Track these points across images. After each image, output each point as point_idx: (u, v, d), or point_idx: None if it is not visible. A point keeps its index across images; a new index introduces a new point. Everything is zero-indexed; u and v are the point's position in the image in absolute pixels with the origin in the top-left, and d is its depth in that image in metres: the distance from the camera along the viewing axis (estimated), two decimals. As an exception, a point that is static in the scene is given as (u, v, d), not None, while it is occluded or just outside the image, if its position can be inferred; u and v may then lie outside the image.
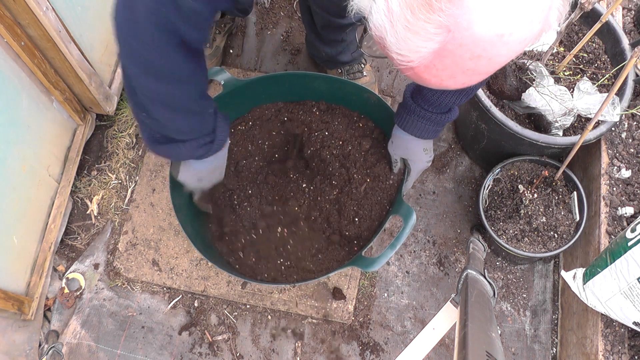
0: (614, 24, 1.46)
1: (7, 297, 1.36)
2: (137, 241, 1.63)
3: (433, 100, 1.11)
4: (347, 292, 1.58)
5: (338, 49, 1.63)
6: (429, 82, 0.66)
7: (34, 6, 1.21)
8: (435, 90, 1.08)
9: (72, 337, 1.54)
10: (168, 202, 1.67)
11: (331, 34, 1.57)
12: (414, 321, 1.60)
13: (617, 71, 1.43)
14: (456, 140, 1.78)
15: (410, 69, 0.63)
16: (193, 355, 1.54)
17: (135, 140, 1.76)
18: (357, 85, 1.43)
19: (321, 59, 1.73)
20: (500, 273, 1.65)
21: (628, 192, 1.45)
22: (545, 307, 1.62)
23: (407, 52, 0.60)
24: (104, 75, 1.62)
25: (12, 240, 1.39)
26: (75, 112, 1.59)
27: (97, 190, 1.70)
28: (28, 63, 1.33)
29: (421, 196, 1.72)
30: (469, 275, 1.00)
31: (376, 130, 1.52)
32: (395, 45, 0.60)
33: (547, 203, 1.48)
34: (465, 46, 0.58)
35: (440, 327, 0.95)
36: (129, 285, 1.60)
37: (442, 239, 1.68)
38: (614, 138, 1.50)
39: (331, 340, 1.56)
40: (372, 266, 1.20)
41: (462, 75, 0.63)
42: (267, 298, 1.57)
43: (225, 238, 1.49)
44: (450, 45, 0.58)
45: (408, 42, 0.59)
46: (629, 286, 1.18)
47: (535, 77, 1.35)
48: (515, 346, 1.58)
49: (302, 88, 1.50)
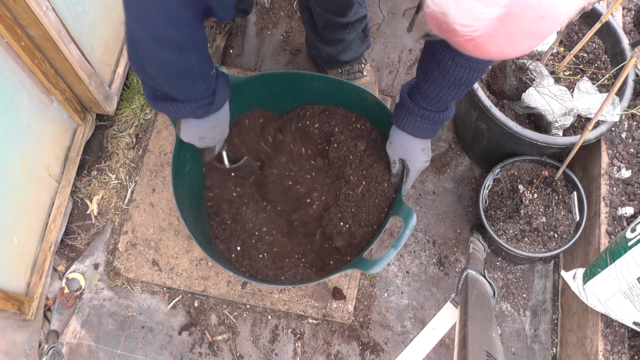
0: (614, 24, 1.46)
1: (7, 297, 1.36)
2: (137, 241, 1.63)
3: (432, 96, 1.11)
4: (347, 292, 1.58)
5: (338, 49, 1.63)
6: (488, 53, 0.66)
7: (34, 6, 1.21)
8: (434, 86, 1.09)
9: (72, 337, 1.54)
10: (168, 202, 1.67)
11: (332, 34, 1.57)
12: (414, 321, 1.60)
13: (617, 71, 1.43)
14: (456, 140, 1.78)
15: (471, 40, 0.64)
16: (193, 355, 1.54)
17: (135, 140, 1.76)
18: (355, 86, 1.43)
19: (321, 59, 1.73)
20: (500, 273, 1.65)
21: (628, 192, 1.45)
22: (545, 307, 1.62)
23: (471, 22, 0.61)
24: (104, 75, 1.62)
25: (12, 240, 1.39)
26: (75, 112, 1.59)
27: (97, 190, 1.70)
28: (28, 63, 1.33)
29: (421, 196, 1.72)
30: (469, 275, 1.00)
31: (374, 132, 1.52)
32: (458, 16, 0.61)
33: (547, 203, 1.48)
34: (530, 7, 0.58)
35: (440, 327, 0.95)
36: (129, 285, 1.60)
37: (442, 239, 1.68)
38: (614, 138, 1.50)
39: (331, 340, 1.56)
40: (373, 268, 1.20)
41: (524, 41, 0.63)
42: (267, 298, 1.57)
43: (225, 238, 1.49)
44: (514, 8, 0.58)
45: (473, 10, 0.60)
46: (629, 286, 1.18)
47: (535, 77, 1.35)
48: (515, 346, 1.58)
49: (300, 88, 1.50)
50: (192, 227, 1.34)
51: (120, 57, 1.69)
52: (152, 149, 1.73)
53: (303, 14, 1.61)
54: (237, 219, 1.51)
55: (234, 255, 1.47)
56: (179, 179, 1.38)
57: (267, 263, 1.46)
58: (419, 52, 1.89)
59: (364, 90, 1.43)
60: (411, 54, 1.88)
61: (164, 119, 1.76)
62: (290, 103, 1.59)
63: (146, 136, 1.76)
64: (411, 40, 1.90)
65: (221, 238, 1.49)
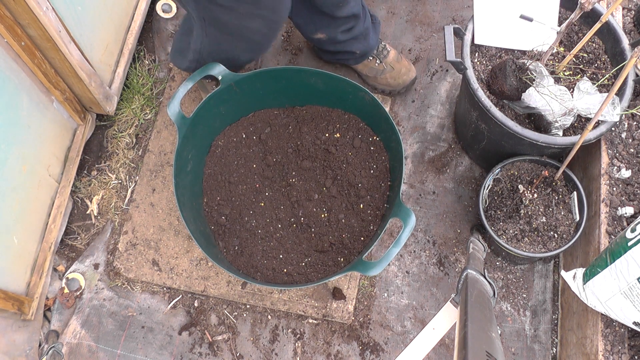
0: (614, 24, 1.46)
1: (7, 297, 1.36)
2: (137, 241, 1.63)
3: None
4: (347, 292, 1.58)
5: (354, 30, 1.58)
6: None
7: (34, 6, 1.21)
8: None
9: (72, 337, 1.54)
10: (168, 202, 1.67)
11: (338, 10, 1.52)
12: (414, 321, 1.60)
13: (617, 71, 1.43)
14: (456, 140, 1.78)
15: None
16: (193, 355, 1.54)
17: (135, 140, 1.76)
18: (353, 83, 1.44)
19: (340, 54, 1.70)
20: (500, 273, 1.65)
21: (628, 192, 1.45)
22: (545, 307, 1.62)
23: None
24: (104, 75, 1.62)
25: (12, 240, 1.39)
26: (75, 112, 1.59)
27: (97, 190, 1.70)
28: (28, 63, 1.33)
29: (421, 196, 1.72)
30: (469, 275, 1.00)
31: (365, 131, 1.54)
32: None
33: (547, 203, 1.48)
34: None
35: (440, 327, 0.95)
36: (129, 285, 1.60)
37: (442, 239, 1.68)
38: (614, 138, 1.50)
39: (331, 340, 1.56)
40: (372, 270, 1.20)
41: None
42: (267, 298, 1.58)
43: (225, 237, 1.49)
44: None
45: None
46: (629, 286, 1.18)
47: (535, 77, 1.35)
48: (515, 346, 1.58)
49: (299, 84, 1.50)
50: (192, 227, 1.34)
51: (120, 57, 1.69)
52: (152, 149, 1.73)
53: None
54: (237, 219, 1.51)
55: (233, 255, 1.47)
56: (181, 179, 1.38)
57: (267, 263, 1.46)
58: (419, 51, 1.89)
59: (362, 88, 1.44)
60: (411, 53, 1.88)
61: (164, 119, 1.76)
62: (290, 101, 1.59)
63: (146, 136, 1.76)
64: (411, 40, 1.90)
65: (221, 238, 1.49)
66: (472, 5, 1.46)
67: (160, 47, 1.86)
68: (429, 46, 1.90)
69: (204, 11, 1.28)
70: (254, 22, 1.29)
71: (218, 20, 1.29)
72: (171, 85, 1.80)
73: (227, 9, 1.24)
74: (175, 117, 1.36)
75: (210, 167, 1.54)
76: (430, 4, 1.96)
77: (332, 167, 1.52)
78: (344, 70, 1.83)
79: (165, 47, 1.86)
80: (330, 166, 1.52)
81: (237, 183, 1.54)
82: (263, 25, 1.31)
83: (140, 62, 1.83)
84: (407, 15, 1.94)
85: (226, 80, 1.42)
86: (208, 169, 1.54)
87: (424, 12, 1.95)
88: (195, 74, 1.37)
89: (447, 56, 1.38)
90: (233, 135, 1.58)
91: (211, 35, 1.35)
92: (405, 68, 1.73)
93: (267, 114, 1.60)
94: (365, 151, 1.53)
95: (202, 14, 1.29)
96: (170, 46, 1.86)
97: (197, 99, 1.76)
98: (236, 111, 1.56)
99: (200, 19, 1.31)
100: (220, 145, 1.56)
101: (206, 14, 1.28)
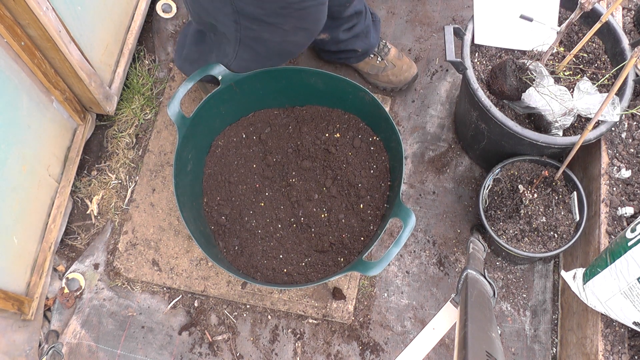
0: (614, 24, 1.46)
1: (7, 297, 1.36)
2: (137, 241, 1.63)
3: None
4: (347, 292, 1.58)
5: (355, 29, 1.59)
6: None
7: (34, 6, 1.21)
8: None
9: (72, 337, 1.54)
10: (168, 202, 1.67)
11: (344, 10, 1.52)
12: (414, 321, 1.60)
13: (617, 71, 1.43)
14: (456, 140, 1.78)
15: None
16: (193, 355, 1.54)
17: (135, 140, 1.76)
18: (353, 83, 1.44)
19: (341, 54, 1.70)
20: (500, 273, 1.65)
21: (628, 192, 1.45)
22: (545, 307, 1.62)
23: None
24: (104, 75, 1.62)
25: (12, 240, 1.39)
26: (75, 112, 1.59)
27: (97, 190, 1.70)
28: (28, 63, 1.33)
29: (421, 196, 1.72)
30: (469, 275, 1.00)
31: (365, 131, 1.53)
32: None
33: (547, 203, 1.48)
34: None
35: (440, 327, 0.95)
36: (129, 285, 1.60)
37: (442, 239, 1.68)
38: (614, 138, 1.50)
39: (331, 340, 1.56)
40: (372, 270, 1.20)
41: None
42: (267, 298, 1.58)
43: (226, 238, 1.49)
44: None
45: None
46: (629, 286, 1.18)
47: (535, 77, 1.35)
48: (515, 346, 1.58)
49: (299, 84, 1.50)
50: (192, 227, 1.34)
51: (120, 57, 1.69)
52: (152, 149, 1.73)
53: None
54: (237, 219, 1.51)
55: (233, 255, 1.47)
56: (180, 179, 1.38)
57: (267, 263, 1.46)
58: (419, 51, 1.89)
59: (362, 88, 1.44)
60: (411, 53, 1.88)
61: (164, 119, 1.76)
62: (290, 101, 1.59)
63: (146, 136, 1.76)
64: (411, 40, 1.90)
65: (221, 238, 1.49)
66: (472, 5, 1.46)
67: (160, 47, 1.86)
68: (429, 46, 1.90)
69: (244, 31, 1.23)
70: (296, 36, 1.25)
71: (258, 39, 1.25)
72: (171, 85, 1.80)
73: (273, 26, 1.20)
74: (175, 117, 1.36)
75: (210, 167, 1.54)
76: (430, 4, 1.96)
77: (332, 167, 1.51)
78: (344, 70, 1.83)
79: (165, 47, 1.86)
80: (330, 166, 1.52)
81: (237, 183, 1.54)
82: (305, 38, 1.28)
83: (140, 62, 1.83)
84: (407, 15, 1.94)
85: (226, 80, 1.42)
86: (208, 169, 1.54)
87: (424, 12, 1.95)
88: (195, 74, 1.37)
89: (447, 56, 1.38)
90: (233, 135, 1.58)
91: (242, 56, 1.32)
92: (407, 65, 1.73)
93: (267, 114, 1.60)
94: (365, 151, 1.53)
95: (240, 35, 1.24)
96: (170, 46, 1.86)
97: (197, 99, 1.76)
98: (236, 111, 1.56)
99: (236, 40, 1.26)
100: (220, 145, 1.56)
101: (245, 34, 1.24)
